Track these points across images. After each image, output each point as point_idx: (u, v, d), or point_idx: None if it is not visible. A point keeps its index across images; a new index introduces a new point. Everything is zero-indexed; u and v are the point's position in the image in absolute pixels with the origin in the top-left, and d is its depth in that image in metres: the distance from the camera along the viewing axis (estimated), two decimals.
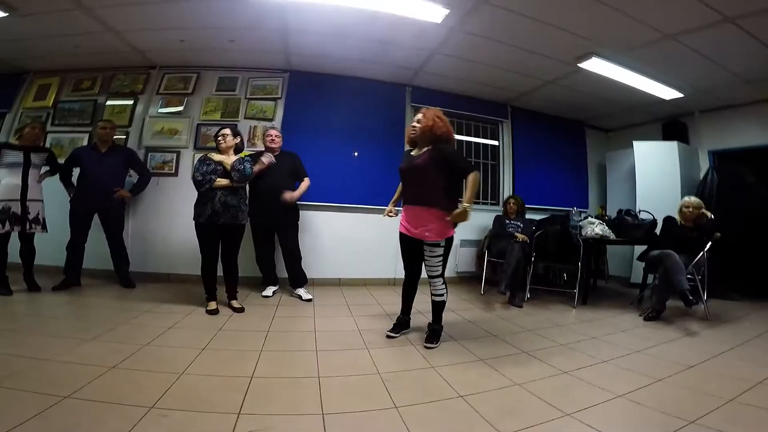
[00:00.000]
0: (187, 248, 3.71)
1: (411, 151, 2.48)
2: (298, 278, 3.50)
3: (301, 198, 3.50)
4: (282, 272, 3.57)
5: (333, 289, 3.94)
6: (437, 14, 2.99)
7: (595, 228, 3.62)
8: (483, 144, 4.99)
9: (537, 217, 4.26)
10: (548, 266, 4.11)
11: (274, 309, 3.06)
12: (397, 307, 2.71)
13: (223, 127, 2.96)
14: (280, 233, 3.46)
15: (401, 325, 2.60)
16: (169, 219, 3.86)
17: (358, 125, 4.34)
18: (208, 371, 1.84)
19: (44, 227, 3.14)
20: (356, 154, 4.29)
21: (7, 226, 2.94)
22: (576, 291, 3.55)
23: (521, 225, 4.00)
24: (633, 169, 4.64)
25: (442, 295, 2.42)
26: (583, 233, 3.64)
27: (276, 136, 3.43)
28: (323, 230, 4.13)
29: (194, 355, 2.02)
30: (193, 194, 2.88)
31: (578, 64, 3.69)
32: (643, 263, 3.49)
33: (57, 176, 3.34)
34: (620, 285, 4.76)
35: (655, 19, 2.91)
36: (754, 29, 2.92)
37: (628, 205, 4.31)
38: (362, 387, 1.78)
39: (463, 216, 2.16)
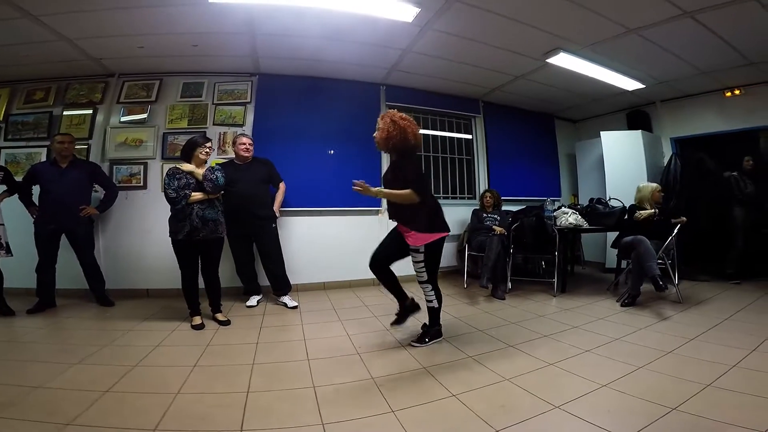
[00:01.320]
0: (163, 262, 3.57)
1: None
2: (281, 285, 3.46)
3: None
4: (264, 280, 3.52)
5: (318, 293, 3.92)
6: (408, 13, 2.97)
7: (569, 218, 3.75)
8: (457, 138, 5.05)
9: (513, 208, 4.37)
10: (527, 257, 4.23)
11: (261, 319, 3.02)
12: (384, 307, 2.72)
13: (207, 139, 2.86)
14: (257, 240, 3.41)
15: (405, 311, 2.57)
16: (142, 233, 3.72)
17: (334, 127, 4.28)
18: (203, 389, 1.83)
19: (8, 251, 2.97)
20: (332, 152, 4.25)
21: None
22: (555, 280, 3.68)
23: (498, 218, 4.10)
24: (601, 158, 4.81)
25: (431, 301, 2.42)
26: (558, 223, 3.76)
27: (250, 144, 3.37)
28: (304, 235, 4.09)
29: (186, 373, 1.99)
30: (163, 206, 2.79)
31: (546, 60, 3.77)
32: (617, 250, 3.64)
33: (16, 196, 3.15)
34: (596, 270, 4.95)
35: (618, 14, 3.00)
36: (711, 23, 3.06)
37: (599, 193, 4.49)
38: (358, 393, 1.81)
39: (367, 192, 2.16)
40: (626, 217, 3.59)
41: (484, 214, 4.16)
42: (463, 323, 2.87)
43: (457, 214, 4.65)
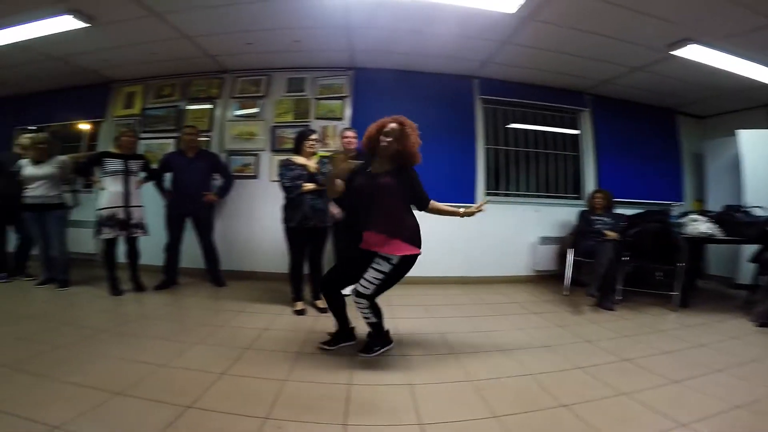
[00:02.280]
0: (269, 247, 3.87)
1: (367, 167, 2.15)
2: None
3: None
4: None
5: (404, 288, 3.83)
6: (512, 4, 2.82)
7: (700, 225, 3.29)
8: (561, 134, 4.68)
9: (626, 212, 3.95)
10: (639, 266, 3.80)
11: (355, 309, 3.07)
12: (475, 308, 2.62)
13: (311, 131, 2.96)
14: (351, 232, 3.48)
15: (342, 337, 2.33)
16: (252, 219, 4.02)
17: (426, 120, 4.17)
18: (308, 377, 1.88)
19: (146, 231, 3.34)
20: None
21: (115, 231, 3.16)
22: (676, 293, 3.28)
23: (610, 221, 3.73)
24: (737, 159, 4.17)
25: (368, 318, 2.12)
26: (686, 231, 3.32)
27: (353, 137, 3.43)
28: None
29: (291, 359, 2.08)
30: (272, 195, 2.95)
31: (671, 51, 3.36)
32: (757, 264, 3.13)
33: (152, 182, 3.51)
34: (722, 285, 4.34)
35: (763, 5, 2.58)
36: None
37: (733, 199, 3.88)
38: (459, 396, 1.76)
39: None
40: None
41: (594, 217, 3.80)
42: (567, 332, 2.69)
43: (558, 215, 4.37)
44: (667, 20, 2.91)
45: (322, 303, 2.98)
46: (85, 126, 4.71)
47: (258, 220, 3.96)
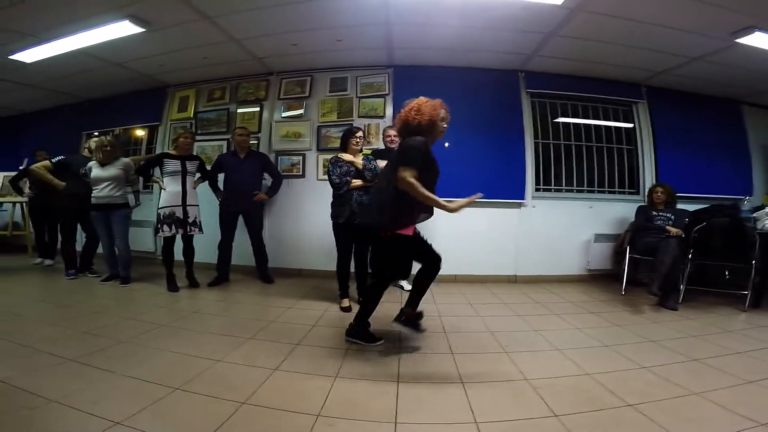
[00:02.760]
0: (315, 245, 3.93)
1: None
2: None
3: None
4: None
5: (449, 286, 3.82)
6: None
7: None
8: (615, 127, 4.46)
9: (688, 207, 3.70)
10: (704, 264, 3.55)
11: (400, 306, 3.03)
12: (525, 307, 2.76)
13: (357, 129, 3.01)
14: None
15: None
16: (299, 218, 4.11)
17: (470, 116, 4.11)
18: (357, 374, 1.88)
19: (201, 229, 3.48)
20: (447, 145, 4.08)
21: (173, 229, 3.32)
22: (747, 292, 3.05)
23: (672, 217, 3.50)
24: None
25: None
26: (760, 226, 3.07)
27: (395, 135, 3.43)
28: (440, 226, 4.02)
29: (340, 356, 2.08)
30: (318, 193, 2.98)
31: (735, 39, 3.14)
32: None
33: (206, 182, 3.65)
34: None
35: None
36: None
37: None
38: (512, 394, 1.72)
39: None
40: None
41: (654, 212, 3.58)
42: (629, 332, 2.56)
43: (614, 211, 4.18)
44: (729, 7, 2.72)
45: None
46: (143, 130, 5.01)
47: (304, 219, 4.05)
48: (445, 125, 2.10)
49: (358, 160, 2.89)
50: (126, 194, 3.57)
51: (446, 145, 4.10)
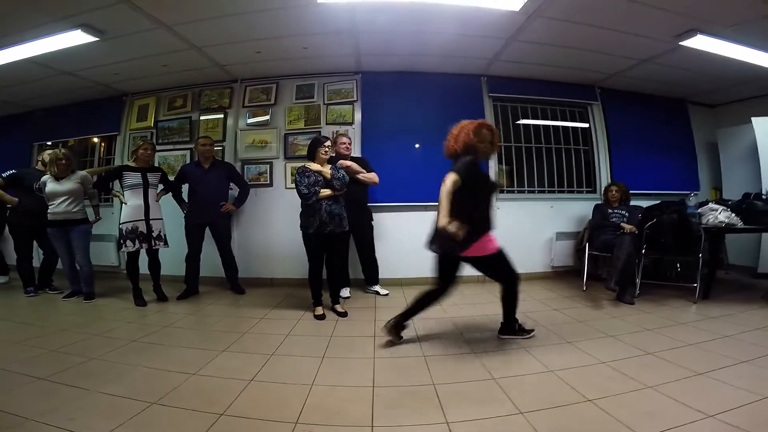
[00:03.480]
0: (286, 253, 3.90)
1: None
2: (374, 275, 3.68)
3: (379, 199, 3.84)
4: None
5: (421, 288, 3.88)
6: (516, 2, 2.82)
7: (719, 215, 3.26)
8: (572, 128, 4.67)
9: (642, 203, 3.93)
10: (658, 258, 3.78)
11: (374, 312, 3.11)
12: (493, 307, 2.74)
13: (325, 138, 3.02)
14: (357, 235, 3.56)
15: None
16: (268, 227, 4.06)
17: (436, 121, 4.15)
18: (334, 381, 1.92)
19: (166, 243, 3.40)
20: (417, 146, 4.21)
21: (137, 244, 3.23)
22: (696, 285, 3.27)
23: (627, 214, 3.71)
24: (754, 146, 4.14)
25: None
26: (704, 221, 3.30)
27: (349, 144, 3.55)
28: (409, 229, 4.07)
29: (316, 364, 2.12)
30: (288, 202, 2.98)
31: (680, 42, 3.34)
32: None
33: (170, 194, 3.57)
34: (744, 275, 4.29)
35: None
36: None
37: (751, 187, 3.85)
38: (481, 394, 1.79)
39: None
40: None
41: (610, 210, 3.78)
42: (589, 327, 2.70)
43: (573, 209, 4.36)
44: (673, 11, 2.88)
45: (341, 307, 3.04)
46: (99, 140, 4.80)
47: (274, 227, 4.01)
48: (488, 146, 2.31)
49: (326, 170, 2.90)
50: (84, 209, 3.44)
51: (417, 146, 4.20)
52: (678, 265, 3.79)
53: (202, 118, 4.30)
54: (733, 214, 3.28)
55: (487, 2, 2.85)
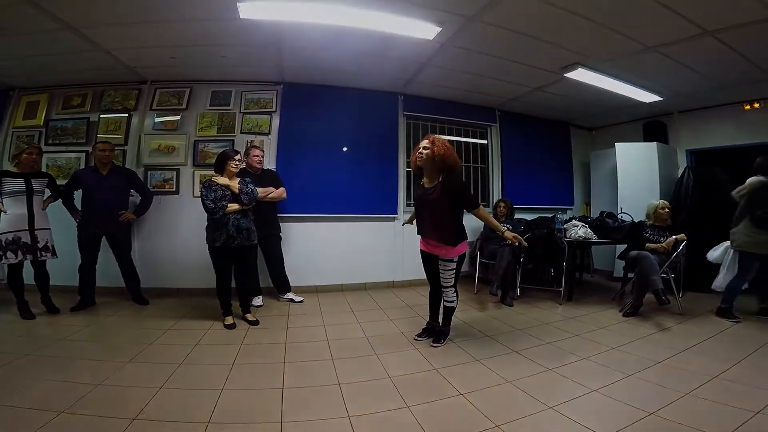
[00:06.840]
0: (194, 262, 3.83)
1: (422, 181, 2.63)
2: (284, 283, 3.79)
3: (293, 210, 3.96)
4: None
5: (336, 294, 4.13)
6: (429, 32, 3.08)
7: (579, 230, 3.90)
8: (472, 146, 5.15)
9: (527, 216, 4.50)
10: (536, 264, 4.39)
11: (286, 319, 3.22)
12: (398, 311, 3.06)
13: (235, 152, 3.04)
14: (265, 247, 3.62)
15: (428, 330, 2.84)
16: (174, 235, 3.94)
17: (353, 135, 4.41)
18: (244, 385, 2.05)
19: (54, 253, 3.19)
20: (345, 149, 4.38)
21: (20, 256, 3.00)
22: (562, 289, 3.86)
23: (510, 227, 4.21)
24: (615, 168, 4.86)
25: (452, 301, 2.69)
26: (568, 235, 3.91)
27: (262, 156, 3.59)
28: (325, 239, 4.29)
29: (227, 371, 2.22)
30: (196, 210, 2.97)
31: (564, 74, 3.86)
32: (623, 262, 3.79)
33: (59, 201, 3.35)
34: (605, 278, 5.09)
35: (638, 33, 3.06)
36: (732, 41, 3.09)
37: (611, 205, 4.59)
38: (378, 390, 2.03)
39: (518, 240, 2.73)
40: (634, 232, 3.73)
41: None
42: (472, 328, 3.07)
43: (470, 222, 4.64)
44: (560, 46, 3.31)
45: (251, 316, 3.09)
46: None
47: (180, 236, 3.90)
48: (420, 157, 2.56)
49: (234, 184, 2.91)
50: None
51: (345, 149, 4.36)
52: (552, 270, 4.41)
53: (102, 116, 4.00)
54: (590, 230, 3.94)
55: (405, 30, 3.04)
